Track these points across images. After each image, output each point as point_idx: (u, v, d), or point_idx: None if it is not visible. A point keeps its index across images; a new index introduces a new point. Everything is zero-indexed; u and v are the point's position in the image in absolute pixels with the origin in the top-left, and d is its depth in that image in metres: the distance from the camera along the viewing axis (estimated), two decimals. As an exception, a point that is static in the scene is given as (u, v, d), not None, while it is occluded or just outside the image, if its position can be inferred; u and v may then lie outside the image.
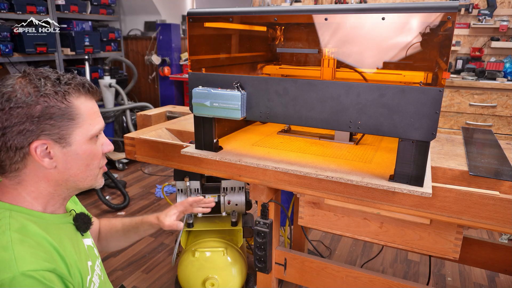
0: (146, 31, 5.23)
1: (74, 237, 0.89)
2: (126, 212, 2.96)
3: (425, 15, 0.95)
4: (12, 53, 3.37)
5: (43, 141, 0.77)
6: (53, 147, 0.79)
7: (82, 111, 0.81)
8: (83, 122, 0.82)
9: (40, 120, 0.76)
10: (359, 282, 1.31)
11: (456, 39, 3.58)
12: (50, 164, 0.80)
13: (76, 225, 0.92)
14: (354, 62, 1.38)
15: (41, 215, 0.83)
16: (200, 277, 1.69)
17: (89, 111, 0.83)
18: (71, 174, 0.84)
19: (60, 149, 0.80)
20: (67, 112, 0.79)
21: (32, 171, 0.80)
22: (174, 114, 2.01)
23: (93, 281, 0.89)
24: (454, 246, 1.11)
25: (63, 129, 0.79)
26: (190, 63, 1.29)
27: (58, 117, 0.78)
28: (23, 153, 0.77)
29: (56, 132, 0.78)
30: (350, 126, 1.07)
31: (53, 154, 0.80)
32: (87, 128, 0.83)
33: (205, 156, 1.29)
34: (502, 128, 3.15)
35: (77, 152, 0.82)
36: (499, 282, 2.15)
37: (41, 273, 0.70)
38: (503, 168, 1.19)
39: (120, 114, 3.99)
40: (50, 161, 0.80)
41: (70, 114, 0.79)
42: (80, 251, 0.88)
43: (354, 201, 1.12)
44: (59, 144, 0.79)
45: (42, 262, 0.72)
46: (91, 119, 0.84)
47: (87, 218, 0.95)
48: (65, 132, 0.79)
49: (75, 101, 0.80)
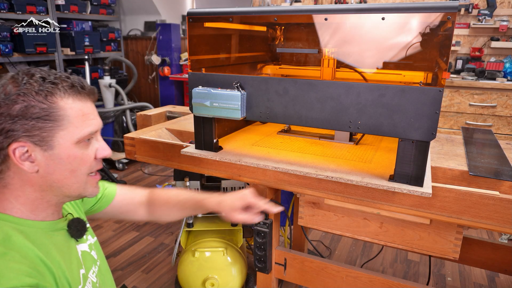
0: (146, 31, 5.23)
1: (65, 245, 0.85)
2: (126, 212, 2.96)
3: (425, 15, 0.95)
4: (12, 53, 3.37)
5: (22, 143, 0.73)
6: (34, 150, 0.74)
7: (67, 112, 0.76)
8: (68, 125, 0.76)
9: (18, 120, 0.71)
10: (359, 282, 1.31)
11: (456, 39, 3.58)
12: (31, 167, 0.75)
13: (69, 232, 0.87)
14: (354, 62, 1.38)
15: (29, 223, 0.78)
16: (200, 277, 1.69)
17: (76, 113, 0.77)
18: (54, 180, 0.79)
19: (41, 152, 0.75)
20: (48, 113, 0.73)
21: (16, 174, 0.76)
22: (174, 114, 2.01)
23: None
24: (454, 246, 1.11)
25: (44, 131, 0.74)
26: (190, 63, 1.29)
27: (38, 118, 0.72)
28: (3, 155, 0.73)
29: (36, 133, 0.73)
30: (350, 126, 1.07)
31: (34, 158, 0.75)
32: (73, 131, 0.77)
33: (205, 156, 1.29)
34: (502, 128, 3.15)
35: (60, 156, 0.77)
36: (499, 282, 2.15)
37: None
38: (503, 168, 1.19)
39: (120, 114, 3.99)
40: (31, 165, 0.75)
41: (52, 115, 0.74)
42: (72, 259, 0.85)
43: (354, 201, 1.12)
44: (40, 147, 0.74)
45: (23, 277, 0.68)
46: (78, 121, 0.78)
47: (82, 224, 0.90)
48: (47, 134, 0.74)
49: (60, 102, 0.75)
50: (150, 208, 1.18)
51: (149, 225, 2.76)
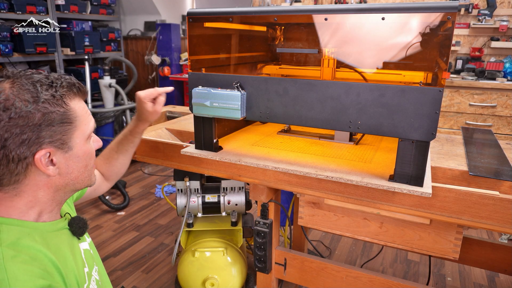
0: (146, 31, 5.23)
1: (70, 244, 0.87)
2: (126, 212, 2.96)
3: (425, 15, 0.95)
4: (12, 53, 3.37)
5: (47, 149, 0.75)
6: (56, 154, 0.77)
7: (78, 112, 0.80)
8: (80, 124, 0.80)
9: (41, 128, 0.73)
10: (359, 282, 1.31)
11: (456, 39, 3.58)
12: (54, 171, 0.78)
13: (71, 230, 0.89)
14: (354, 62, 1.38)
15: (34, 225, 0.80)
16: (200, 277, 1.69)
17: (82, 111, 0.82)
18: (72, 178, 0.83)
19: (62, 154, 0.79)
20: (66, 116, 0.77)
21: (32, 180, 0.78)
22: (174, 114, 2.01)
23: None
24: (454, 246, 1.11)
25: (64, 134, 0.77)
26: (190, 63, 1.29)
27: (58, 123, 0.76)
28: (26, 164, 0.74)
29: (58, 138, 0.76)
30: (350, 126, 1.07)
31: (56, 161, 0.78)
32: (84, 128, 0.82)
33: (205, 156, 1.29)
34: (502, 128, 3.15)
35: (78, 155, 0.82)
36: (499, 282, 2.15)
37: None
38: (503, 168, 1.19)
39: (120, 114, 3.99)
40: (54, 168, 0.78)
41: (69, 117, 0.78)
42: (77, 258, 0.86)
43: (354, 201, 1.12)
44: (61, 149, 0.78)
45: (36, 279, 0.69)
46: (85, 119, 0.82)
47: (83, 221, 0.92)
48: (66, 136, 0.78)
49: (71, 103, 0.79)
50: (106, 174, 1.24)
51: (149, 225, 2.76)
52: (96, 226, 2.74)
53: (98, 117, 3.94)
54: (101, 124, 3.97)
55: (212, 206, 1.75)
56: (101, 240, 2.54)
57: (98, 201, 3.11)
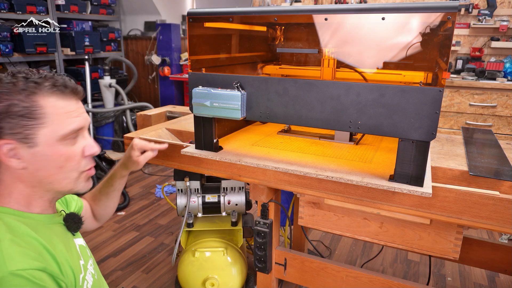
0: (146, 31, 5.23)
1: (64, 237, 0.88)
2: (126, 212, 2.96)
3: (425, 15, 0.95)
4: (12, 53, 3.37)
5: (7, 141, 0.76)
6: (20, 147, 0.77)
7: (49, 110, 0.78)
8: (50, 122, 0.79)
9: (2, 118, 0.74)
10: (359, 282, 1.31)
11: (456, 39, 3.58)
12: (18, 164, 0.78)
13: (66, 226, 0.91)
14: (354, 62, 1.38)
15: (29, 215, 0.82)
16: (200, 277, 1.69)
17: (58, 111, 0.80)
18: (43, 176, 0.82)
19: (27, 149, 0.78)
20: (30, 111, 0.76)
21: (6, 170, 0.80)
22: (174, 114, 2.01)
23: (86, 279, 0.88)
24: (454, 246, 1.11)
25: (26, 129, 0.77)
26: (190, 63, 1.29)
27: (19, 116, 0.76)
28: None
29: (19, 131, 0.76)
30: (350, 126, 1.07)
31: (20, 155, 0.78)
32: (55, 128, 0.80)
33: (205, 156, 1.29)
34: (502, 128, 3.15)
35: (45, 153, 0.80)
36: (499, 282, 2.15)
37: (30, 272, 0.70)
38: (503, 168, 1.19)
39: (120, 114, 4.00)
40: (18, 162, 0.78)
41: (33, 113, 0.77)
42: (72, 250, 0.88)
43: (354, 201, 1.12)
44: (25, 144, 0.77)
45: (31, 261, 0.71)
46: (60, 119, 0.80)
47: (78, 218, 0.94)
48: (29, 132, 0.77)
49: (41, 101, 0.78)
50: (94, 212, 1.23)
51: (149, 225, 2.76)
52: (96, 226, 2.74)
53: (98, 117, 3.94)
54: (101, 124, 3.97)
55: (212, 206, 1.75)
56: (101, 240, 2.54)
57: (98, 201, 3.11)
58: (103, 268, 2.23)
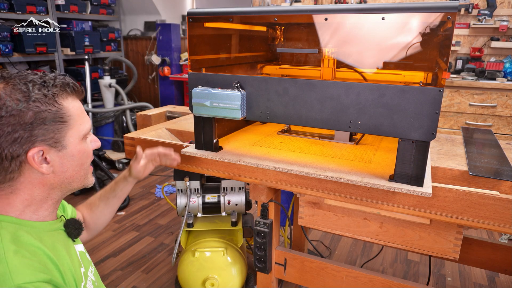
0: (146, 31, 5.23)
1: (66, 244, 0.88)
2: (126, 212, 2.96)
3: (425, 15, 0.95)
4: (12, 53, 3.37)
5: (40, 148, 0.77)
6: (49, 152, 0.79)
7: (72, 112, 0.81)
8: (74, 123, 0.81)
9: (33, 127, 0.74)
10: (359, 282, 1.31)
11: (456, 39, 3.58)
12: (48, 169, 0.79)
13: (67, 232, 0.91)
14: (354, 62, 1.38)
15: (31, 223, 0.81)
16: (200, 277, 1.69)
17: (77, 110, 0.83)
18: (67, 176, 0.84)
19: (56, 153, 0.80)
20: (58, 115, 0.78)
21: (27, 178, 0.79)
22: (174, 114, 2.01)
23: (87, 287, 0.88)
24: (454, 246, 1.11)
25: (57, 133, 0.78)
26: (190, 63, 1.29)
27: (51, 121, 0.77)
28: (19, 162, 0.76)
29: (50, 136, 0.77)
30: (350, 126, 1.07)
31: (49, 159, 0.79)
32: (78, 128, 0.83)
33: (205, 156, 1.29)
34: (502, 128, 3.15)
35: (72, 154, 0.82)
36: (499, 282, 2.15)
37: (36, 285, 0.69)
38: (503, 168, 1.19)
39: (120, 114, 3.99)
40: (48, 166, 0.79)
41: (61, 116, 0.78)
42: (73, 258, 0.87)
43: (354, 201, 1.12)
44: (54, 148, 0.79)
45: (37, 273, 0.71)
46: (80, 118, 0.83)
47: (78, 223, 0.94)
48: (59, 135, 0.79)
49: (64, 103, 0.79)
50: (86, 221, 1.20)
51: (149, 225, 2.76)
52: (96, 226, 2.74)
53: (98, 117, 3.94)
54: (101, 124, 3.97)
55: (212, 206, 1.75)
56: (101, 240, 2.54)
57: (98, 201, 3.11)
58: (103, 268, 2.23)
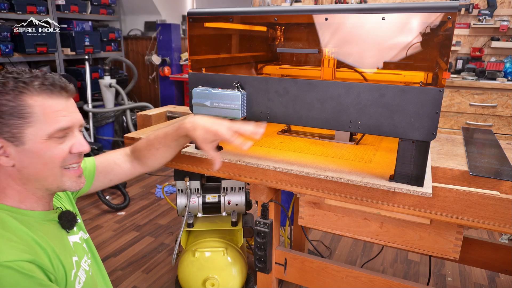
0: (146, 31, 5.23)
1: (58, 234, 0.90)
2: (126, 212, 2.96)
3: (425, 15, 0.95)
4: (12, 53, 3.37)
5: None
6: (8, 146, 0.80)
7: (35, 109, 0.80)
8: (36, 121, 0.80)
9: None
10: (359, 282, 1.31)
11: (456, 39, 3.58)
12: (7, 162, 0.81)
13: (60, 223, 0.92)
14: (354, 62, 1.38)
15: (21, 211, 0.84)
16: (200, 277, 1.69)
17: (45, 110, 0.81)
18: (30, 173, 0.83)
19: (14, 147, 0.80)
20: (17, 111, 0.78)
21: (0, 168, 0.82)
22: (174, 114, 2.01)
23: (78, 275, 0.89)
24: (454, 246, 1.11)
25: (13, 128, 0.78)
26: (190, 63, 1.29)
27: (7, 116, 0.78)
28: None
29: (7, 130, 0.78)
30: (350, 126, 1.07)
31: (8, 153, 0.80)
32: (42, 127, 0.81)
33: (205, 156, 1.29)
34: (502, 128, 3.15)
35: (31, 151, 0.81)
36: (499, 282, 2.15)
37: (19, 263, 0.71)
38: (503, 168, 1.19)
39: (120, 114, 4.00)
40: (7, 159, 0.80)
41: (20, 112, 0.78)
42: (65, 247, 0.89)
43: (354, 201, 1.12)
44: (11, 142, 0.79)
45: (20, 253, 0.73)
46: (47, 118, 0.81)
47: (72, 215, 0.94)
48: (17, 130, 0.79)
49: (29, 100, 0.79)
50: (138, 157, 1.19)
51: (149, 225, 2.76)
52: (96, 226, 2.74)
53: (98, 117, 3.94)
54: (101, 124, 3.97)
55: (212, 206, 1.75)
56: (101, 240, 2.54)
57: (98, 201, 3.11)
58: (103, 268, 2.23)
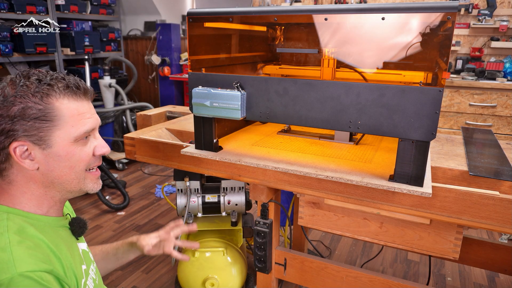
0: (146, 31, 5.23)
1: (69, 241, 0.89)
2: (126, 212, 2.96)
3: (425, 15, 0.95)
4: (12, 53, 3.37)
5: (22, 142, 0.77)
6: (33, 149, 0.79)
7: (62, 112, 0.79)
8: (64, 124, 0.80)
9: (16, 121, 0.75)
10: (359, 282, 1.31)
11: (456, 39, 3.58)
12: (31, 165, 0.80)
13: (71, 230, 0.92)
14: (354, 62, 1.38)
15: (37, 217, 0.83)
16: (200, 277, 1.69)
17: (71, 112, 0.81)
18: (55, 176, 0.83)
19: (40, 150, 0.79)
20: (44, 114, 0.77)
21: (19, 171, 0.80)
22: (174, 114, 2.01)
23: (87, 284, 0.89)
24: (454, 246, 1.11)
25: (41, 131, 0.78)
26: (190, 63, 1.29)
27: (35, 119, 0.77)
28: (5, 154, 0.78)
29: (34, 133, 0.77)
30: (350, 126, 1.07)
31: (33, 156, 0.79)
32: (69, 130, 0.81)
33: (205, 156, 1.29)
34: (502, 128, 3.15)
35: (58, 154, 0.81)
36: (499, 282, 2.15)
37: (38, 274, 0.70)
38: (503, 168, 1.19)
39: (120, 114, 3.99)
40: (31, 163, 0.79)
41: (48, 115, 0.78)
42: (75, 254, 0.88)
43: (354, 201, 1.12)
44: (38, 145, 0.79)
45: (39, 263, 0.72)
46: (74, 120, 0.81)
47: (83, 222, 0.95)
48: (44, 134, 0.78)
49: (55, 103, 0.79)
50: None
51: (149, 225, 2.76)
52: (96, 226, 2.74)
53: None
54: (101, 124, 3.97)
55: (212, 206, 1.75)
56: (101, 240, 2.54)
57: (98, 201, 3.11)
58: (103, 268, 2.23)
